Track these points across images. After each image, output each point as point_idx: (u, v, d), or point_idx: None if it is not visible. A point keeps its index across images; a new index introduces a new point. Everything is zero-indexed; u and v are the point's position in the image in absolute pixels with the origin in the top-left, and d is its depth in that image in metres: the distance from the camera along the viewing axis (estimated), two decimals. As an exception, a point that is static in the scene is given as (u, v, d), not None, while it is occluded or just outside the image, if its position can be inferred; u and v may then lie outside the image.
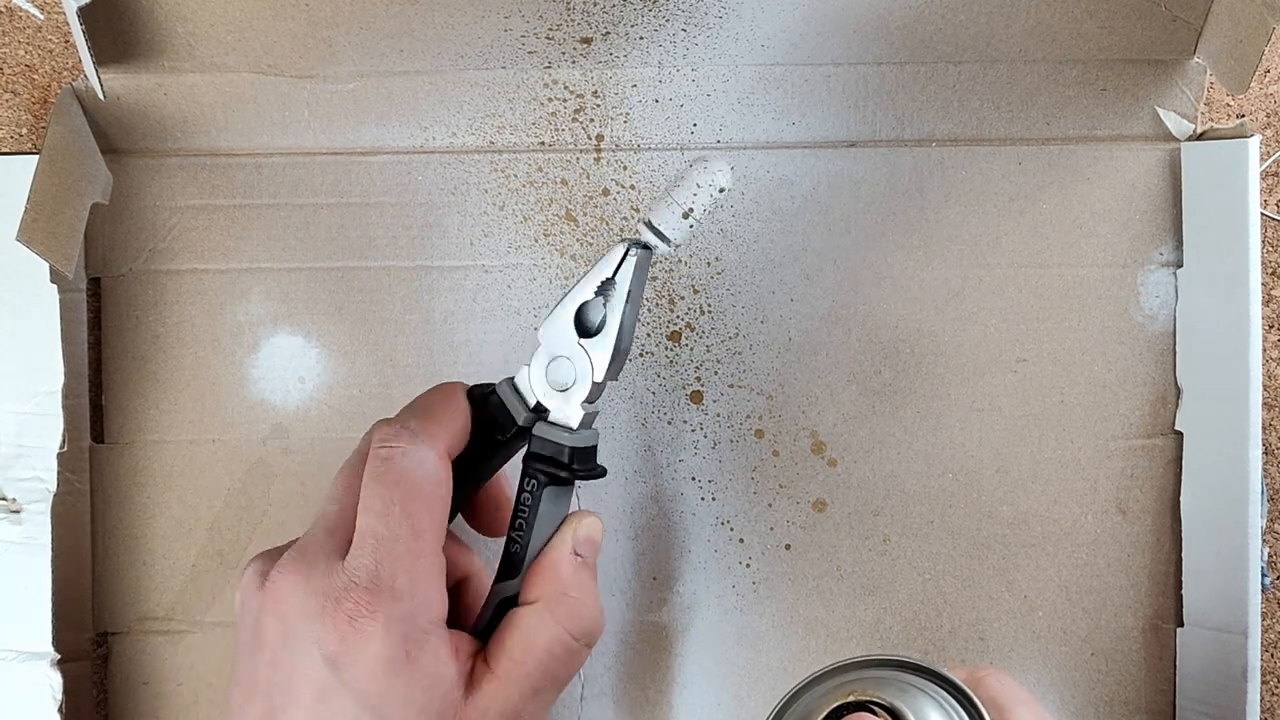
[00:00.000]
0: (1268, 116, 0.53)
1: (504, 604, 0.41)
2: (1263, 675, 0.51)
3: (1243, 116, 0.52)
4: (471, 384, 0.43)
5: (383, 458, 0.39)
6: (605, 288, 0.41)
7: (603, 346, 0.41)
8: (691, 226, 0.40)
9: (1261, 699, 0.49)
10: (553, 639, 0.39)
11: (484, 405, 0.42)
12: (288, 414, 0.51)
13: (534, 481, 0.41)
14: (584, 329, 0.41)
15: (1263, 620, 0.50)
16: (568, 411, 0.41)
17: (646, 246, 0.41)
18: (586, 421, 0.41)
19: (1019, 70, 0.51)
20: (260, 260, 0.51)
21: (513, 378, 0.42)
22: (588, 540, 0.41)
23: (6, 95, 0.51)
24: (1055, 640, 0.52)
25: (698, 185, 0.40)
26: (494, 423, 0.41)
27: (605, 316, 0.41)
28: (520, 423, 0.41)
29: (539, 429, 0.41)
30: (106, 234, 0.51)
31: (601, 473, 0.42)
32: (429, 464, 0.39)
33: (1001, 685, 0.37)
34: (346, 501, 0.39)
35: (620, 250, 0.41)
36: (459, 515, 0.44)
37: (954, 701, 0.36)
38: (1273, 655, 0.52)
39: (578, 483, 0.42)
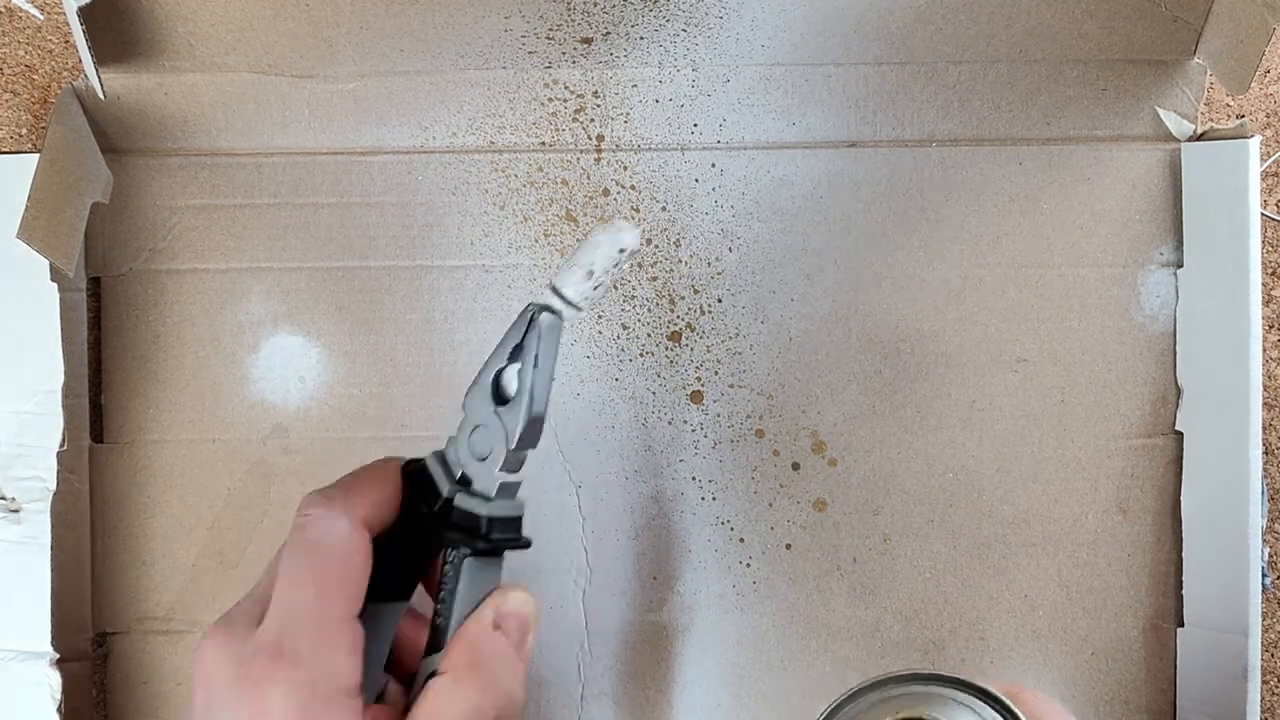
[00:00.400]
0: (1267, 116, 0.53)
1: (430, 677, 0.40)
2: (1263, 675, 0.51)
3: (1243, 117, 0.52)
4: (410, 458, 0.42)
5: (298, 525, 0.38)
6: (517, 354, 0.40)
7: (514, 414, 0.40)
8: (596, 289, 0.39)
9: (1262, 699, 0.49)
10: (463, 710, 0.38)
11: (413, 478, 0.41)
12: (288, 414, 0.51)
13: (455, 552, 0.40)
14: (500, 396, 0.40)
15: (1263, 620, 0.50)
16: (487, 481, 0.40)
17: (550, 310, 0.40)
18: (506, 491, 0.40)
19: (1019, 70, 0.51)
20: (260, 260, 0.51)
21: (443, 449, 0.41)
22: (514, 615, 0.40)
23: (6, 95, 0.51)
24: (1055, 640, 0.52)
25: (598, 244, 0.39)
26: (421, 495, 0.41)
27: (518, 383, 0.40)
28: (444, 493, 0.40)
29: (459, 499, 0.40)
30: (107, 233, 0.51)
31: (525, 544, 0.41)
32: (340, 532, 0.38)
33: (1038, 700, 0.37)
34: (267, 585, 0.39)
35: (527, 315, 0.40)
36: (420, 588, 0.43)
37: (998, 717, 0.36)
38: (1273, 655, 0.52)
39: (511, 553, 0.41)
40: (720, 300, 0.52)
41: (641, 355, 0.51)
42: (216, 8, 0.49)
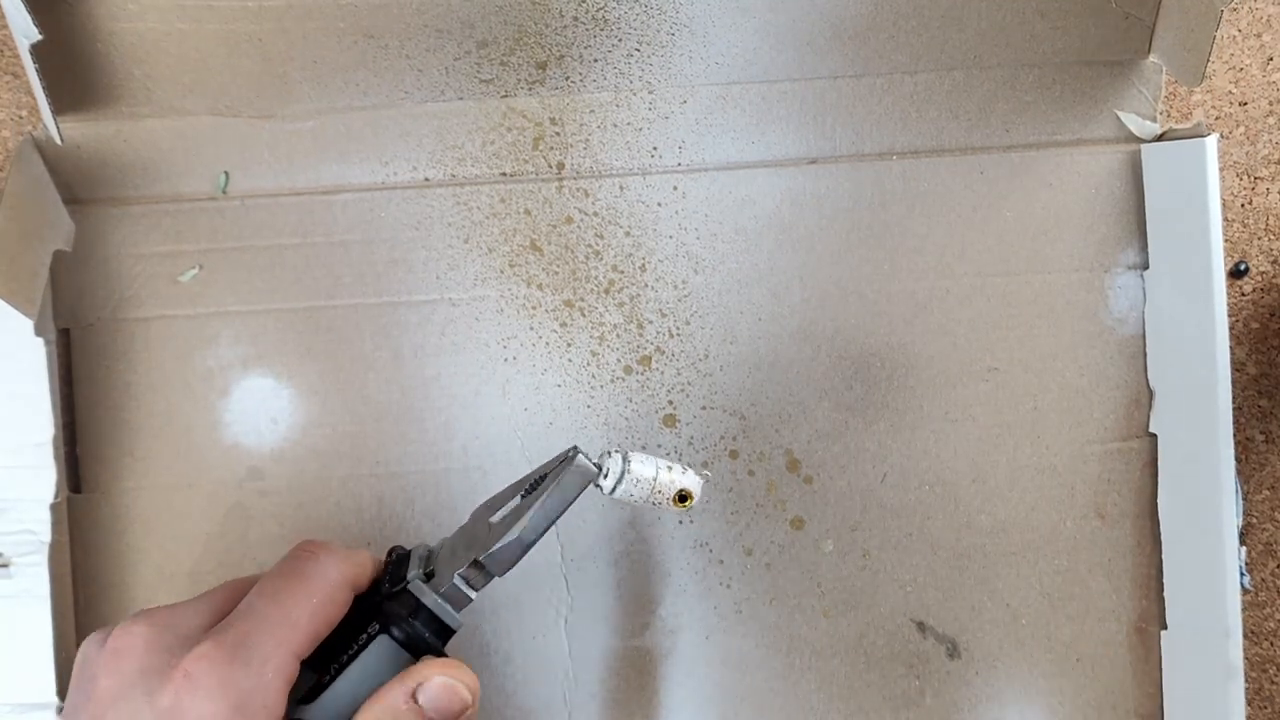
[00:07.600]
0: (1270, 104, 0.52)
1: None
2: (1246, 673, 0.51)
3: (1245, 103, 0.52)
4: (397, 545, 0.43)
5: (296, 555, 0.40)
6: (538, 484, 0.40)
7: (500, 530, 0.40)
8: (629, 495, 0.40)
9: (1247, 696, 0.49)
10: None
11: (394, 561, 0.42)
12: (262, 456, 0.51)
13: (376, 625, 0.39)
14: (503, 513, 0.41)
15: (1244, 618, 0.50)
16: (445, 578, 0.40)
17: (591, 461, 0.40)
18: (455, 595, 0.40)
19: (975, 77, 0.51)
20: (228, 304, 0.51)
21: (432, 545, 0.42)
22: (433, 704, 0.39)
23: (7, 78, 0.51)
24: (1040, 648, 0.51)
25: (673, 477, 0.40)
26: (390, 575, 0.41)
27: (521, 506, 0.40)
28: (407, 578, 0.40)
29: (414, 584, 0.40)
30: (74, 285, 0.51)
31: (437, 655, 0.40)
32: (331, 577, 0.39)
33: None
34: (221, 596, 0.40)
35: (566, 452, 0.40)
36: None
37: None
38: (1258, 651, 0.52)
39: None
40: (688, 323, 0.52)
41: (613, 381, 0.51)
42: (171, 49, 0.49)
